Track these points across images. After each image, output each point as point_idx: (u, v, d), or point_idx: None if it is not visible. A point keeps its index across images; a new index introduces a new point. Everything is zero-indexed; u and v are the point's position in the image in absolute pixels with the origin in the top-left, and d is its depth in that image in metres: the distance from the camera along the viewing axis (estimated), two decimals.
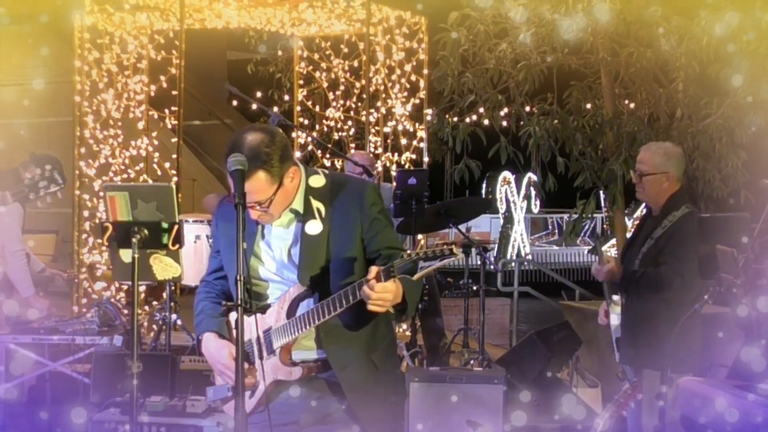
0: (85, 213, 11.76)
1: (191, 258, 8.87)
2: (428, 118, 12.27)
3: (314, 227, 4.25)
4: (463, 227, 8.94)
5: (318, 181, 4.33)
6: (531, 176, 25.83)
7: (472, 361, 9.04)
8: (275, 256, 4.32)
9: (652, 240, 6.34)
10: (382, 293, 3.92)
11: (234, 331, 4.21)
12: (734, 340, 8.76)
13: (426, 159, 12.50)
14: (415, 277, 3.93)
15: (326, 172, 4.41)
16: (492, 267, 10.49)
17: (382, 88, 12.35)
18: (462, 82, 10.62)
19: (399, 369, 4.57)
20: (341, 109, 13.17)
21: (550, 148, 10.78)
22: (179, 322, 9.47)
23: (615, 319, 6.49)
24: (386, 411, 4.35)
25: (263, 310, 4.21)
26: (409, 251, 4.00)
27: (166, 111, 12.00)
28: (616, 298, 6.51)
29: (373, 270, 3.94)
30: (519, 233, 27.04)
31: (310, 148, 13.09)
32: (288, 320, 4.21)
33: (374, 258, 4.20)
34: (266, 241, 4.33)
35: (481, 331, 9.13)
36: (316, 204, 4.27)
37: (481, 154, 11.17)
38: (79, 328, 8.19)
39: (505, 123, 10.88)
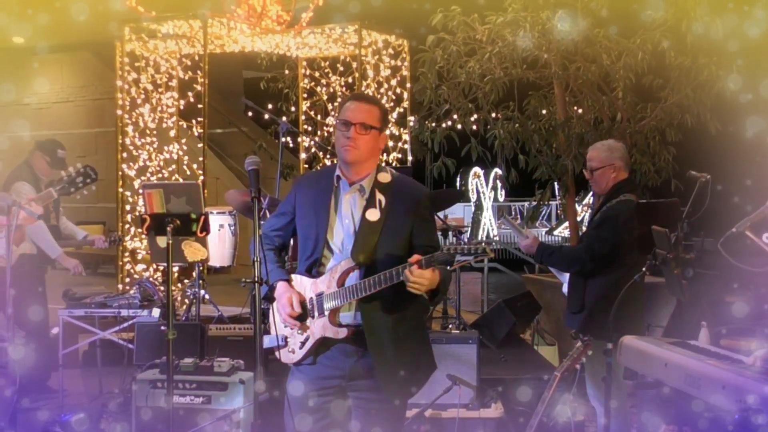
0: (127, 207, 11.75)
1: (216, 243, 8.85)
2: (411, 124, 12.26)
3: (373, 215, 4.29)
4: (441, 214, 8.91)
5: (385, 177, 4.40)
6: (497, 171, 25.84)
7: (450, 325, 9.03)
8: (342, 231, 4.35)
9: (590, 224, 6.34)
10: (419, 278, 3.99)
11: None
12: (668, 305, 8.77)
13: (410, 158, 12.49)
14: (452, 267, 4.12)
15: (393, 172, 4.47)
16: None
17: None
18: (438, 94, 10.57)
19: (425, 346, 4.52)
20: None
21: (513, 148, 10.74)
22: (207, 296, 9.46)
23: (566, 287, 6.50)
24: (405, 377, 4.32)
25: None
26: (448, 246, 4.03)
27: (193, 121, 11.96)
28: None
29: (415, 257, 4.01)
30: (488, 218, 26.98)
31: (313, 150, 13.08)
32: (338, 288, 4.25)
33: (417, 250, 4.18)
34: (339, 216, 4.36)
35: (457, 301, 9.12)
36: (379, 196, 4.33)
37: (455, 153, 11.12)
38: (123, 303, 8.18)
39: (474, 127, 10.83)
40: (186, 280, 10.91)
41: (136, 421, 6.24)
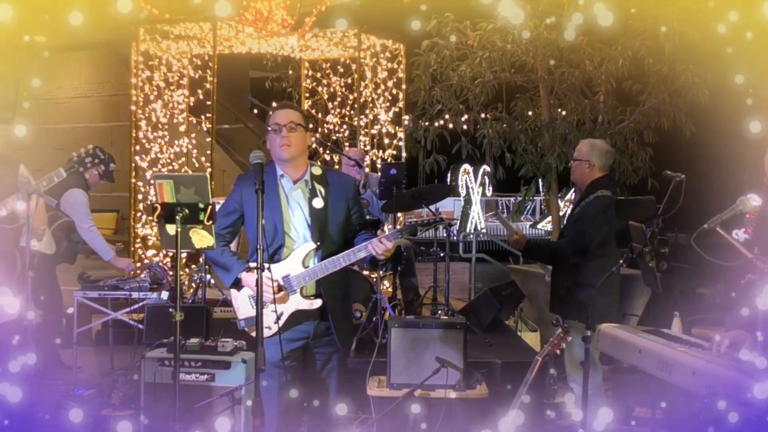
0: (139, 196, 11.75)
1: None
2: (405, 122, 12.24)
3: (318, 203, 4.80)
4: (432, 207, 8.89)
5: (317, 170, 4.90)
6: (485, 168, 25.80)
7: (439, 311, 9.00)
8: (295, 222, 4.80)
9: (569, 218, 6.34)
10: (390, 249, 4.64)
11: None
12: (643, 295, 8.78)
13: (404, 154, 12.48)
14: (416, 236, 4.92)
15: (321, 165, 5.00)
16: (455, 238, 10.43)
17: (369, 99, 12.31)
18: (432, 95, 10.58)
19: (348, 301, 5.12)
20: (338, 115, 13.15)
21: (500, 146, 10.77)
22: (212, 281, 9.45)
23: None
24: (349, 329, 5.16)
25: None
26: (411, 220, 4.88)
27: (202, 117, 11.94)
28: None
29: (383, 234, 4.69)
30: (476, 212, 27.00)
31: (313, 146, 13.06)
32: (305, 269, 4.73)
33: (354, 225, 4.95)
34: (290, 207, 4.80)
35: (446, 288, 9.08)
36: (318, 187, 4.84)
37: (446, 150, 11.13)
38: (134, 286, 8.18)
39: (465, 126, 10.85)
40: (193, 266, 10.89)
41: (145, 396, 6.23)
